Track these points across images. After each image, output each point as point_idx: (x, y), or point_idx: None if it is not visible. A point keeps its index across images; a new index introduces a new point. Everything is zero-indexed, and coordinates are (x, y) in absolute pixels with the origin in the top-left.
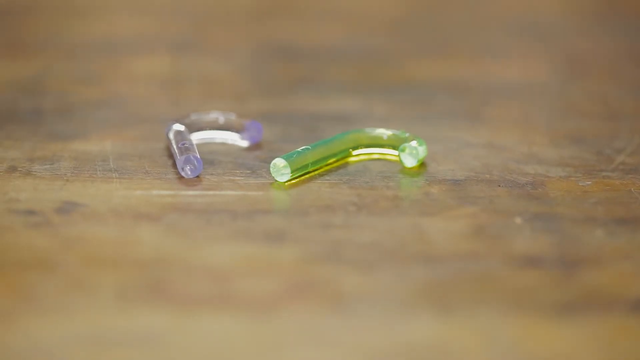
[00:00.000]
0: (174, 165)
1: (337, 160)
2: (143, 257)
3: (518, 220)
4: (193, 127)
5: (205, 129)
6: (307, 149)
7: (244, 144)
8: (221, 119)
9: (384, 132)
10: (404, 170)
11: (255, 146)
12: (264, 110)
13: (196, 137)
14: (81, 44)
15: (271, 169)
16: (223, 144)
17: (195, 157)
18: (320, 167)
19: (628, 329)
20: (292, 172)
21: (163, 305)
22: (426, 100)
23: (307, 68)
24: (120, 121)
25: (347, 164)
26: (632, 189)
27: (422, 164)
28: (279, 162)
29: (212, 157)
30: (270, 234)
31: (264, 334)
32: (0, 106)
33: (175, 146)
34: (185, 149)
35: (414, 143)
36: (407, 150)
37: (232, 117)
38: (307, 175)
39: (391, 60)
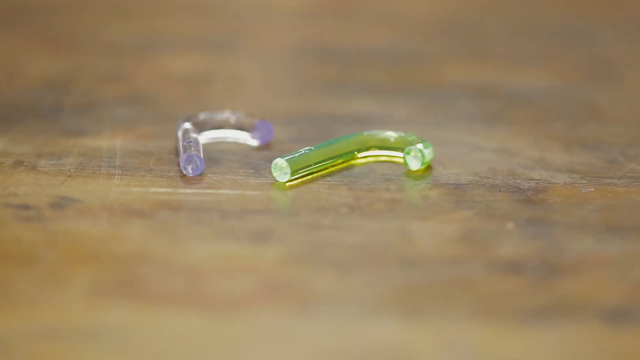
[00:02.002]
0: None
1: (342, 162)
2: (123, 254)
3: (510, 225)
4: (206, 126)
5: (218, 128)
6: (310, 149)
7: (254, 143)
8: (232, 118)
9: (390, 135)
10: (409, 173)
11: (265, 146)
12: (284, 110)
13: (208, 136)
14: (118, 43)
15: (272, 169)
16: (234, 143)
17: (198, 156)
18: (325, 168)
19: (598, 338)
20: (292, 173)
21: (132, 301)
22: (448, 103)
23: (339, 69)
24: (136, 118)
25: (353, 165)
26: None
27: (428, 167)
28: (279, 162)
29: (219, 156)
30: (256, 234)
31: (227, 333)
32: (25, 101)
33: (180, 144)
34: (189, 147)
35: (419, 145)
36: (412, 153)
37: (242, 116)
38: (310, 176)
39: (424, 64)
